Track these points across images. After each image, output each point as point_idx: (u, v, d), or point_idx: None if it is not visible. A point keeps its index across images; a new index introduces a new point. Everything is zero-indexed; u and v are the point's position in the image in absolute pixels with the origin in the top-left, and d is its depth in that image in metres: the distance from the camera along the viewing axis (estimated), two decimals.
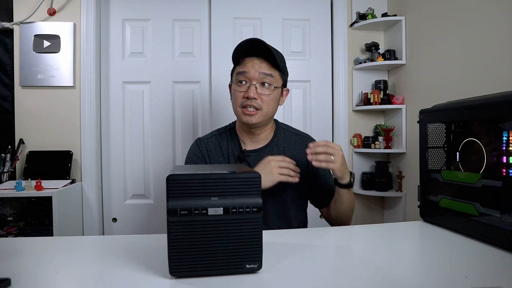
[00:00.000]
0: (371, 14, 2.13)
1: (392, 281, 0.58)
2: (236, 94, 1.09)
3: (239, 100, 1.08)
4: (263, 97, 1.07)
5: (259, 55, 1.08)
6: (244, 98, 1.07)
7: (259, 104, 1.06)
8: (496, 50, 1.38)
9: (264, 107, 1.07)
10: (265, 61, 1.08)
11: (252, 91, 1.05)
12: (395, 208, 2.15)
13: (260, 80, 1.07)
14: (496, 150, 0.76)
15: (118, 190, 2.12)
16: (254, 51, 1.08)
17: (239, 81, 1.09)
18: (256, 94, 1.06)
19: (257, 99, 1.06)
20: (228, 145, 1.15)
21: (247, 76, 1.07)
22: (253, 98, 1.05)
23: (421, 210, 0.99)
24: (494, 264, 0.66)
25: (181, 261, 0.57)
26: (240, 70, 1.09)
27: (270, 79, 1.08)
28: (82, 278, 0.60)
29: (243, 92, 1.07)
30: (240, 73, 1.08)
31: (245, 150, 1.14)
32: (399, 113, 2.08)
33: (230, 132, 1.20)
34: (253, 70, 1.06)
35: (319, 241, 0.82)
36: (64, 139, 2.01)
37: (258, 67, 1.06)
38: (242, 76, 1.08)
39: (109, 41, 2.10)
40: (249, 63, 1.08)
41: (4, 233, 1.75)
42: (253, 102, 1.06)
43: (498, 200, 0.75)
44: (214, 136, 1.20)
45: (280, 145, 1.16)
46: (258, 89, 1.06)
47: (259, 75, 1.06)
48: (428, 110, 0.97)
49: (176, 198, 0.57)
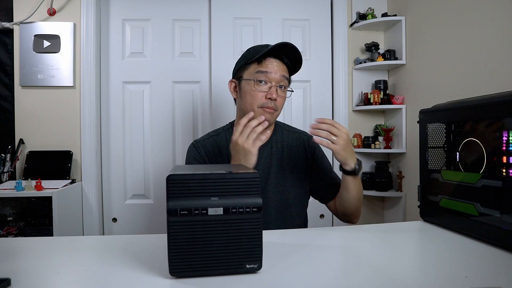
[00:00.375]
0: (371, 14, 2.13)
1: (392, 281, 0.58)
2: (255, 93, 1.07)
3: (259, 99, 1.07)
4: (280, 99, 1.08)
5: (281, 57, 1.09)
6: (266, 99, 1.06)
7: (276, 105, 1.08)
8: (496, 50, 1.38)
9: (279, 108, 1.10)
10: (283, 63, 1.10)
11: (275, 93, 1.06)
12: (395, 208, 2.15)
13: (279, 82, 1.08)
14: (496, 150, 0.76)
15: (118, 190, 2.12)
16: (277, 53, 1.09)
17: (259, 80, 1.07)
18: (278, 96, 1.07)
19: (276, 101, 1.07)
20: (227, 145, 1.15)
21: (269, 77, 1.07)
22: (275, 99, 1.06)
23: (421, 210, 0.99)
24: (494, 264, 0.66)
25: (181, 261, 0.57)
26: (262, 69, 1.07)
27: (287, 82, 1.10)
28: (82, 278, 0.60)
29: (264, 92, 1.07)
30: (262, 72, 1.07)
31: None
32: (399, 113, 2.08)
33: (229, 131, 1.19)
34: (274, 72, 1.07)
35: (319, 241, 0.82)
36: (64, 139, 2.01)
37: (278, 69, 1.08)
38: (264, 76, 1.07)
39: (109, 41, 2.10)
40: (270, 64, 1.08)
41: (4, 233, 1.75)
42: (274, 103, 1.07)
43: (498, 200, 0.75)
44: (211, 137, 1.20)
45: (279, 143, 1.17)
46: (278, 91, 1.08)
47: (280, 77, 1.07)
48: (428, 110, 0.97)
49: (176, 198, 0.57)
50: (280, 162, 1.14)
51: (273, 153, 1.15)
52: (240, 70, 1.13)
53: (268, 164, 1.13)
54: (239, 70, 1.13)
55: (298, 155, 1.16)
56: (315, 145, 1.19)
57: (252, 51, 1.11)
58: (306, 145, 1.18)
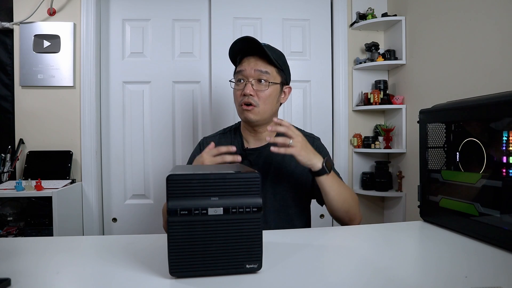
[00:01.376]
0: (371, 14, 2.13)
1: (392, 281, 0.58)
2: (235, 93, 1.13)
3: (238, 98, 1.11)
4: (259, 93, 1.08)
5: (255, 54, 1.10)
6: (242, 95, 1.09)
7: (256, 100, 1.08)
8: (496, 50, 1.38)
9: (261, 104, 1.09)
10: (260, 59, 1.10)
11: (248, 88, 1.07)
12: (395, 208, 2.15)
13: (256, 77, 1.09)
14: (496, 150, 0.76)
15: (118, 190, 2.12)
16: (250, 50, 1.10)
17: (238, 80, 1.12)
18: (253, 90, 1.08)
19: (254, 96, 1.08)
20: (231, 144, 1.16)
21: (244, 74, 1.09)
22: (249, 94, 1.07)
23: (421, 210, 0.99)
24: (494, 264, 0.66)
25: (181, 261, 0.57)
26: (238, 69, 1.12)
27: (267, 75, 1.09)
28: (82, 278, 0.60)
29: (241, 90, 1.09)
30: (238, 72, 1.11)
31: (246, 149, 1.16)
32: (399, 113, 2.08)
33: (235, 131, 1.22)
34: (249, 68, 1.09)
35: (319, 241, 0.82)
36: (64, 139, 2.01)
37: (253, 64, 1.09)
38: (240, 74, 1.11)
39: (109, 41, 2.10)
40: (245, 62, 1.11)
41: (4, 233, 1.75)
42: (250, 98, 1.07)
43: (498, 200, 0.75)
44: (218, 135, 1.24)
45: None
46: (254, 86, 1.08)
47: (254, 72, 1.08)
48: (428, 110, 0.97)
49: (176, 198, 0.57)
50: (280, 163, 1.14)
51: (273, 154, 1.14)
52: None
53: (269, 164, 1.13)
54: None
55: None
56: (319, 147, 1.18)
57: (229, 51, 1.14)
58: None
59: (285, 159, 1.14)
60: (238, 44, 1.10)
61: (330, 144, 2.20)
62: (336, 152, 2.19)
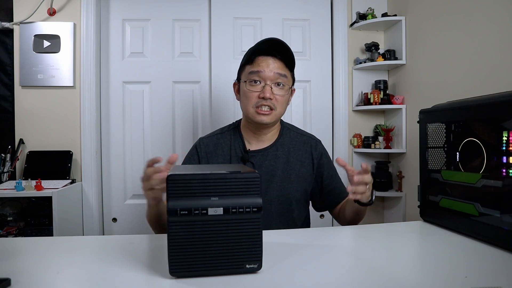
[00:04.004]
0: (371, 14, 2.13)
1: (392, 281, 0.58)
2: (249, 94, 1.06)
3: (253, 100, 1.06)
4: (278, 97, 1.06)
5: (273, 54, 1.06)
6: (259, 98, 1.05)
7: (274, 104, 1.05)
8: (495, 50, 1.38)
9: (278, 108, 1.07)
10: (279, 60, 1.06)
11: (268, 92, 1.04)
12: (395, 208, 2.15)
13: (274, 80, 1.05)
14: (496, 150, 0.76)
15: (118, 190, 2.12)
16: (268, 51, 1.06)
17: (252, 80, 1.06)
18: (272, 94, 1.04)
19: (272, 99, 1.05)
20: (231, 145, 1.14)
21: (262, 76, 1.05)
22: (268, 98, 1.04)
23: (421, 210, 0.99)
24: (494, 264, 0.66)
25: (181, 261, 0.57)
26: (253, 69, 1.06)
27: (284, 79, 1.07)
28: (82, 278, 0.60)
29: (258, 92, 1.05)
30: (254, 72, 1.05)
31: (249, 151, 1.12)
32: (399, 113, 2.08)
33: (234, 131, 1.17)
34: (267, 70, 1.04)
35: (319, 241, 0.82)
36: (64, 139, 2.01)
37: (272, 67, 1.05)
38: (256, 75, 1.05)
39: (109, 41, 2.10)
40: (263, 62, 1.05)
41: (4, 233, 1.75)
42: (268, 102, 1.04)
43: (498, 200, 0.75)
44: (215, 135, 1.19)
45: (285, 145, 1.14)
46: (273, 89, 1.05)
47: (274, 75, 1.05)
48: (428, 110, 0.97)
49: (176, 198, 0.57)
50: (286, 165, 1.11)
51: (278, 156, 1.12)
52: (239, 72, 1.13)
53: (272, 166, 1.11)
54: (238, 72, 1.13)
55: (304, 159, 1.14)
56: (322, 151, 1.17)
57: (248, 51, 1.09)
58: (313, 150, 1.16)
59: (290, 162, 1.12)
60: (263, 44, 1.06)
61: (330, 144, 2.20)
62: (336, 152, 2.19)
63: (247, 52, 1.09)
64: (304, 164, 1.13)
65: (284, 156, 1.12)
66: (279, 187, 1.09)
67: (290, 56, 1.07)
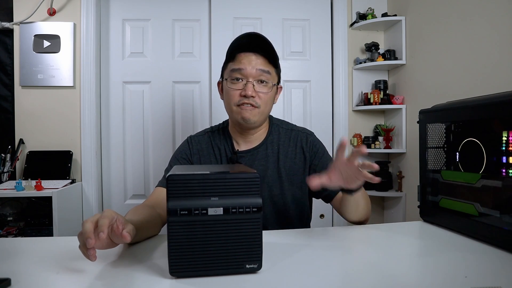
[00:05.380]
0: (371, 14, 2.13)
1: (392, 281, 0.58)
2: (231, 92, 1.02)
3: (235, 98, 1.01)
4: (261, 95, 1.02)
5: (254, 50, 1.02)
6: (241, 96, 1.01)
7: (257, 102, 1.01)
8: (495, 50, 1.38)
9: (262, 106, 1.02)
10: (261, 56, 1.02)
11: (250, 89, 0.99)
12: (395, 208, 2.15)
13: (257, 77, 1.01)
14: (496, 150, 0.76)
15: (118, 190, 2.12)
16: (249, 47, 1.02)
17: (234, 78, 1.02)
18: (254, 92, 1.00)
19: (255, 97, 1.01)
20: (221, 145, 1.11)
21: (243, 73, 1.00)
22: (250, 96, 1.00)
23: (421, 210, 0.99)
24: (494, 264, 0.66)
25: (181, 261, 0.57)
26: (235, 66, 1.01)
27: (267, 76, 1.02)
28: (82, 278, 0.60)
29: (239, 90, 1.01)
30: (235, 70, 1.01)
31: (238, 151, 1.09)
32: (399, 113, 2.08)
33: (223, 131, 1.14)
34: (249, 67, 1.00)
35: (319, 241, 0.82)
36: (64, 139, 2.01)
37: (254, 63, 1.01)
38: (238, 73, 1.01)
39: (109, 41, 2.10)
40: (244, 59, 1.01)
41: (4, 233, 1.75)
42: (251, 100, 1.00)
43: (498, 200, 0.75)
44: (206, 133, 1.15)
45: (274, 143, 1.11)
46: (255, 87, 1.01)
47: (256, 72, 1.01)
48: (428, 110, 0.97)
49: (176, 198, 0.57)
50: (276, 164, 1.08)
51: (268, 154, 1.09)
52: (222, 70, 1.09)
53: (263, 166, 1.08)
54: (222, 70, 1.09)
55: (295, 155, 1.10)
56: (314, 142, 1.12)
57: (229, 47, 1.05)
58: (304, 144, 1.11)
59: (281, 160, 1.08)
60: (241, 40, 1.02)
61: (330, 144, 2.20)
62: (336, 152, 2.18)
63: (228, 48, 1.05)
64: (295, 160, 1.09)
65: (274, 155, 1.09)
66: (271, 186, 1.06)
67: (272, 51, 1.02)
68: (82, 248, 0.60)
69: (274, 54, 1.03)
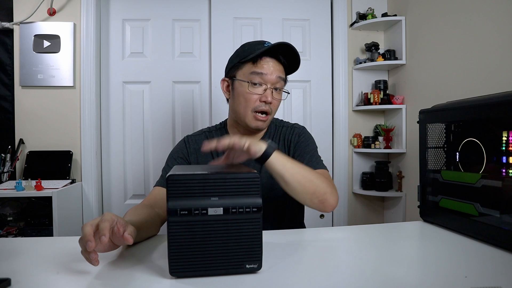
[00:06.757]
0: (371, 14, 2.13)
1: (392, 281, 0.58)
2: (249, 96, 1.01)
3: (254, 103, 1.01)
4: (275, 101, 1.03)
5: (277, 57, 1.03)
6: (261, 102, 1.01)
7: (271, 108, 1.02)
8: (495, 50, 1.38)
9: (273, 112, 1.04)
10: (279, 63, 1.03)
11: (270, 95, 1.00)
12: (395, 208, 2.15)
13: (275, 84, 1.02)
14: (496, 150, 0.76)
15: (118, 190, 2.12)
16: (273, 52, 1.02)
17: (254, 82, 1.01)
18: (273, 98, 1.01)
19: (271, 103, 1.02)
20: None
21: (265, 78, 1.00)
22: (269, 102, 1.00)
23: (421, 210, 0.99)
24: (494, 264, 0.66)
25: (181, 261, 0.57)
26: (257, 70, 1.00)
27: (282, 83, 1.04)
28: (82, 278, 0.60)
29: (259, 95, 1.01)
30: (257, 73, 1.00)
31: None
32: (399, 113, 2.08)
33: (221, 131, 1.15)
34: (270, 73, 1.00)
35: (319, 241, 0.82)
36: (64, 139, 2.01)
37: (274, 69, 1.01)
38: (259, 77, 1.00)
39: (109, 41, 2.10)
40: (265, 64, 1.01)
41: (4, 233, 1.75)
42: (268, 106, 1.01)
43: (498, 200, 0.75)
44: (203, 133, 1.15)
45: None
46: (273, 93, 1.02)
47: (275, 79, 1.01)
48: (428, 110, 0.97)
49: (176, 198, 0.57)
50: None
51: None
52: (233, 68, 1.06)
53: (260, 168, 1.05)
54: (232, 68, 1.06)
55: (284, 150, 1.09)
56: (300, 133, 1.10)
57: (247, 48, 1.04)
58: (286, 139, 1.11)
59: None
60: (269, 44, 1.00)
61: (330, 144, 2.20)
62: (336, 152, 2.19)
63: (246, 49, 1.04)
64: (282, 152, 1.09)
65: None
66: (267, 190, 1.05)
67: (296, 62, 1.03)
68: (84, 253, 0.60)
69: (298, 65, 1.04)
